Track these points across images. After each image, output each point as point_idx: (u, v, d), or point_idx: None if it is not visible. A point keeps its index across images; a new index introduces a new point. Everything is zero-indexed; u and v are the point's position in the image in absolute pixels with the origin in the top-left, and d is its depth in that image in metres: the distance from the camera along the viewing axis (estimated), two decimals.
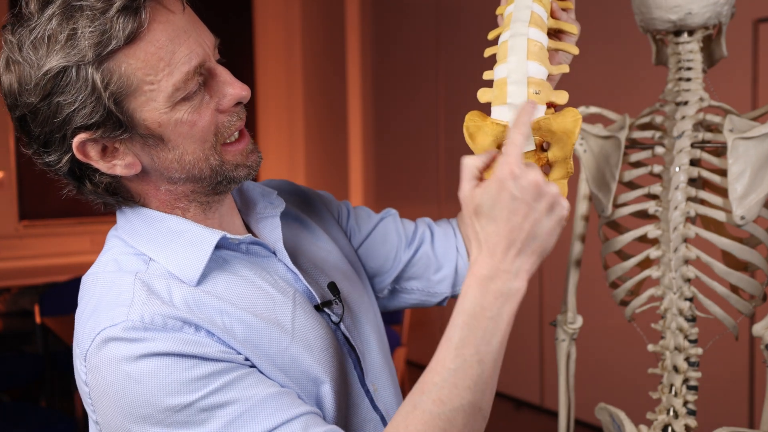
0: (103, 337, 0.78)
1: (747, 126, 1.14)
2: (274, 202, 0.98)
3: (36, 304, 3.75)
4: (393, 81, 5.01)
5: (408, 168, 4.86)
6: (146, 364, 0.76)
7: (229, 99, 0.83)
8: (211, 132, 0.83)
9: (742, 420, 3.00)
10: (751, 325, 1.15)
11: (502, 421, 4.00)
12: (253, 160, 0.88)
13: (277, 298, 0.89)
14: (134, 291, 0.81)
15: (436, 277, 1.14)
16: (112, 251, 0.88)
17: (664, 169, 1.20)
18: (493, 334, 0.76)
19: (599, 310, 2.91)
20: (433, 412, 0.75)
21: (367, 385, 0.98)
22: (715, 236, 1.17)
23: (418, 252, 1.14)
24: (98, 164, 0.82)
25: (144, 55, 0.77)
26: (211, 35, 0.84)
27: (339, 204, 1.16)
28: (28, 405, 3.22)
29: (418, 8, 4.71)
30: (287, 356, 0.86)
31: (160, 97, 0.78)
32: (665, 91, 1.23)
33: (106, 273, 0.86)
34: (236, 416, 0.77)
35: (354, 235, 1.14)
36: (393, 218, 1.16)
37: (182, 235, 0.86)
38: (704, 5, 1.14)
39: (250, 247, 0.91)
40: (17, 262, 4.75)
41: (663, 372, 1.22)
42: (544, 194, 0.75)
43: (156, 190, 0.87)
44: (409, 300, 1.16)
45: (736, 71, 2.95)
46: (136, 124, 0.80)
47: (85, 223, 4.87)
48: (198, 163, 0.84)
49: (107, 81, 0.76)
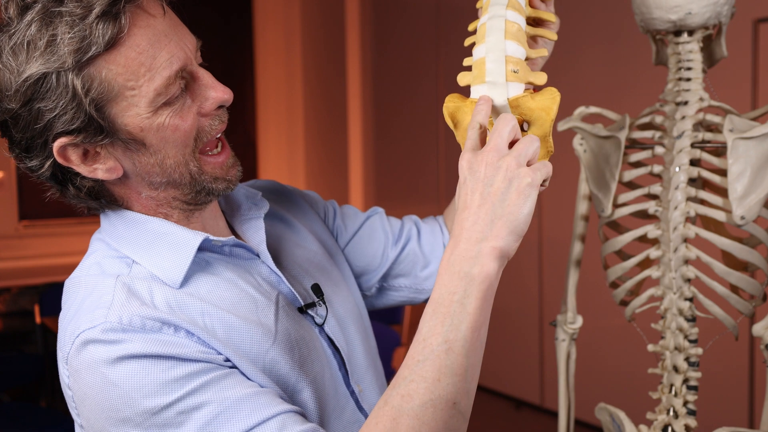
0: (82, 339, 0.78)
1: (747, 126, 1.14)
2: (258, 204, 0.98)
3: (36, 304, 3.75)
4: (393, 81, 5.01)
5: (408, 168, 4.86)
6: (123, 367, 0.76)
7: (211, 102, 0.83)
8: (191, 136, 0.82)
9: (742, 420, 3.00)
10: (751, 325, 1.15)
11: (502, 421, 4.00)
12: (232, 174, 0.88)
13: (260, 300, 0.89)
14: (114, 293, 0.80)
15: (423, 274, 1.14)
16: (95, 255, 0.88)
17: (664, 169, 1.20)
18: (461, 319, 0.72)
19: (599, 310, 2.91)
20: (402, 408, 0.71)
21: (352, 386, 0.97)
22: (715, 236, 1.17)
23: (405, 249, 1.13)
24: (79, 168, 0.81)
25: (125, 60, 0.76)
26: (192, 38, 0.83)
27: (325, 203, 1.16)
28: (28, 405, 3.22)
29: (418, 8, 4.71)
30: (268, 359, 0.85)
31: (141, 102, 0.78)
32: (665, 91, 1.23)
33: (89, 276, 0.85)
34: (212, 417, 0.76)
35: (340, 234, 1.13)
36: (379, 216, 1.16)
37: (165, 238, 0.86)
38: (704, 5, 1.14)
39: (234, 249, 0.91)
40: (17, 262, 4.75)
41: (663, 372, 1.22)
42: (498, 168, 0.74)
43: (138, 195, 0.87)
44: (398, 297, 1.16)
45: (736, 71, 2.95)
46: (117, 129, 0.79)
47: (85, 223, 4.88)
48: (178, 168, 0.83)
49: (88, 87, 0.76)
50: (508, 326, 4.07)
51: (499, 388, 4.27)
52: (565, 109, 1.27)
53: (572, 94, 3.24)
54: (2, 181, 4.74)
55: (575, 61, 3.52)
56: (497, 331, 4.32)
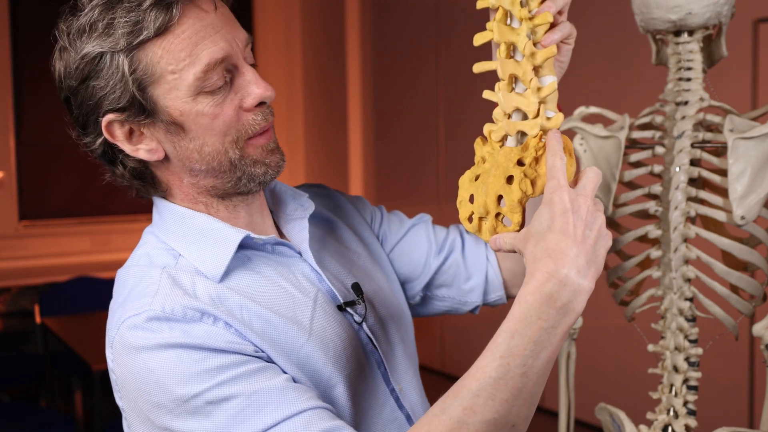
0: (127, 325, 0.83)
1: (747, 126, 1.14)
2: (304, 205, 1.01)
3: (36, 304, 3.75)
4: (393, 81, 5.01)
5: (408, 168, 4.86)
6: (161, 355, 0.80)
7: (252, 98, 0.87)
8: (233, 127, 0.86)
9: (742, 420, 3.00)
10: (751, 325, 1.15)
11: None
12: (272, 159, 0.91)
13: (298, 297, 0.92)
14: (160, 283, 0.85)
15: (466, 286, 1.14)
16: (145, 246, 0.93)
17: (664, 169, 1.20)
18: (543, 347, 0.72)
19: (599, 310, 2.91)
20: (460, 421, 0.72)
21: (392, 384, 1.00)
22: (715, 236, 1.17)
23: (447, 260, 1.14)
24: (124, 146, 0.87)
25: (170, 46, 0.82)
26: (243, 35, 0.88)
27: (373, 209, 1.18)
28: (28, 405, 3.22)
29: (418, 8, 4.71)
30: (302, 354, 0.88)
31: (182, 86, 0.83)
32: (665, 91, 1.23)
33: (138, 267, 0.90)
34: (240, 409, 0.78)
35: (386, 240, 1.15)
36: (425, 224, 1.17)
37: (209, 234, 0.90)
38: (704, 5, 1.14)
39: (275, 247, 0.95)
40: (17, 262, 4.75)
41: (663, 372, 1.22)
42: (596, 218, 0.75)
43: (180, 182, 0.91)
44: (442, 306, 1.17)
45: (736, 71, 2.95)
46: (159, 110, 0.84)
47: (85, 223, 4.88)
48: (217, 156, 0.87)
49: (134, 68, 0.82)
50: None
51: None
52: (566, 109, 1.27)
53: (572, 94, 3.24)
54: (2, 181, 4.74)
55: (575, 61, 3.51)
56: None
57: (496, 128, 0.83)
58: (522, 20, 0.79)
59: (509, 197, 0.79)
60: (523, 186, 0.78)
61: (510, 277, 1.12)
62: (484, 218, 0.82)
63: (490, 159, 0.83)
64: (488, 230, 0.82)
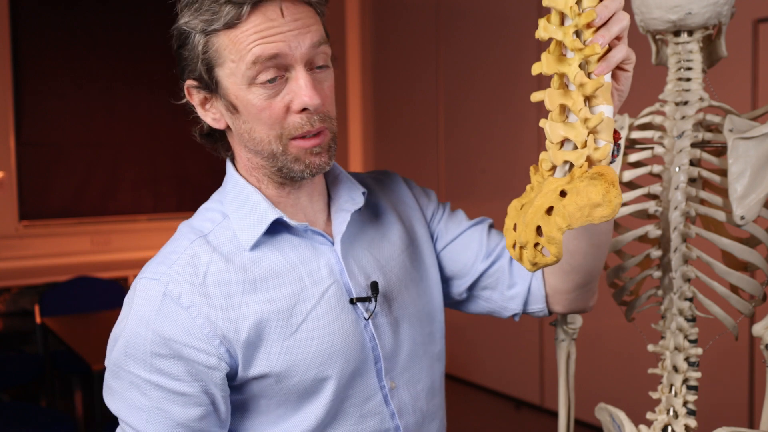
0: (137, 279, 0.97)
1: (747, 126, 1.14)
2: (355, 199, 1.08)
3: (36, 304, 3.75)
4: (393, 80, 5.01)
5: (408, 167, 4.86)
6: (136, 323, 0.93)
7: (296, 103, 0.94)
8: (278, 123, 0.95)
9: (742, 420, 3.00)
10: (751, 325, 1.15)
11: (502, 421, 4.00)
12: (312, 161, 0.98)
13: (307, 286, 1.00)
14: (182, 255, 0.97)
15: (509, 293, 1.17)
16: (196, 216, 1.06)
17: (664, 169, 1.20)
18: None
19: (599, 310, 2.91)
20: None
21: (383, 381, 1.04)
22: (715, 236, 1.17)
23: (494, 265, 1.17)
24: (197, 109, 1.01)
25: (234, 38, 0.93)
26: (311, 41, 0.94)
27: (437, 205, 1.22)
28: (28, 405, 3.21)
29: (418, 7, 4.71)
30: (290, 341, 0.97)
31: (238, 73, 0.93)
32: (665, 91, 1.23)
33: (178, 231, 1.03)
34: (138, 407, 0.93)
35: (440, 237, 1.19)
36: (481, 227, 1.19)
37: (251, 205, 1.01)
38: (704, 5, 1.14)
39: (308, 232, 1.02)
40: (17, 262, 4.75)
41: (663, 372, 1.22)
42: None
43: (240, 152, 1.02)
44: (486, 306, 1.21)
45: (736, 71, 2.95)
46: (221, 89, 0.96)
47: (85, 223, 4.87)
48: (262, 143, 0.97)
49: (205, 50, 0.95)
50: (509, 326, 4.08)
51: (499, 388, 4.27)
52: None
53: None
54: (2, 181, 4.74)
55: None
56: (497, 331, 4.32)
57: (547, 158, 0.83)
58: (574, 51, 0.79)
59: (547, 228, 0.78)
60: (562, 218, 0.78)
61: (553, 293, 1.14)
62: (525, 247, 0.82)
63: (537, 188, 0.83)
64: (527, 260, 0.82)
